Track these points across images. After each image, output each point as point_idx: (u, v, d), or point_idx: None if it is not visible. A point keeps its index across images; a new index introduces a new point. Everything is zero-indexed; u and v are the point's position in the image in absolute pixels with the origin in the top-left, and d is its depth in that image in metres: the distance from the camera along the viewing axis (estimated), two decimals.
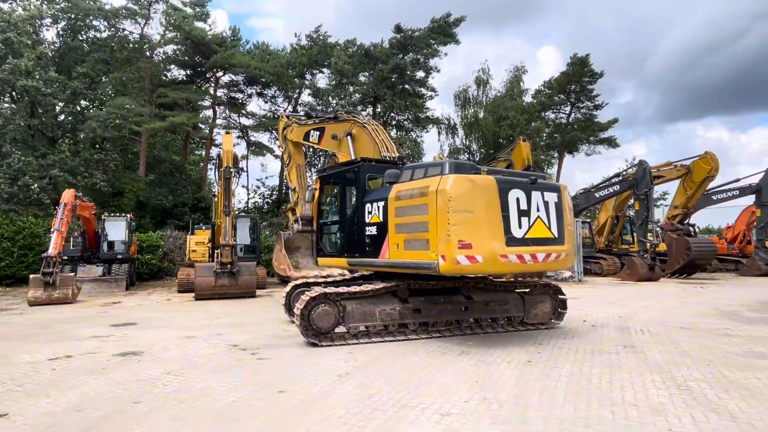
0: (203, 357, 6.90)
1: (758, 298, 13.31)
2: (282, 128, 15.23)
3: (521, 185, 7.39)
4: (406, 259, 7.49)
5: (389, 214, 7.81)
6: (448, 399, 4.85)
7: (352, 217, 8.85)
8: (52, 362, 6.70)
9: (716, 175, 22.51)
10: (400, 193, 7.70)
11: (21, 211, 22.60)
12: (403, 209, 7.58)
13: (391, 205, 7.79)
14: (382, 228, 7.99)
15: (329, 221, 9.81)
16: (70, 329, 9.52)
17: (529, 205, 7.34)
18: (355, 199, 8.82)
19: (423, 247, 7.16)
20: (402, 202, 7.62)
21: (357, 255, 8.54)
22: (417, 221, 7.30)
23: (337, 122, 13.30)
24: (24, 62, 21.67)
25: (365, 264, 8.55)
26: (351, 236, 8.77)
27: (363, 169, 8.80)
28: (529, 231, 7.30)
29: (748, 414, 4.36)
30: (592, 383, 5.35)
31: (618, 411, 4.48)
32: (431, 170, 7.57)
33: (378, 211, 8.11)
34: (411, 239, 7.42)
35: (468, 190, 6.98)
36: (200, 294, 14.50)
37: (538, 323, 8.77)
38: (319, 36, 32.27)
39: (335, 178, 9.62)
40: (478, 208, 6.95)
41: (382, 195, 8.11)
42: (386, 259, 7.89)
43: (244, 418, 4.40)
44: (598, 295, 14.86)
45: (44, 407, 4.80)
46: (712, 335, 8.04)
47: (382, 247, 7.96)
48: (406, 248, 7.47)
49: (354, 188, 8.92)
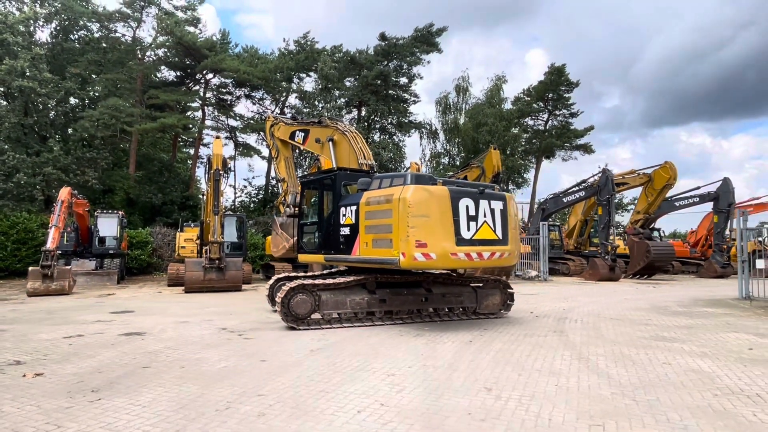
0: (196, 337, 8.10)
1: (696, 296, 14.84)
2: (269, 126, 16.11)
3: (471, 194, 8.74)
4: (373, 255, 8.79)
5: (360, 216, 9.09)
6: (395, 366, 6.13)
7: (329, 218, 10.07)
8: (67, 339, 7.85)
9: (675, 183, 24.23)
10: (369, 199, 9.00)
11: (14, 206, 23.41)
12: (372, 213, 8.88)
13: (362, 209, 9.07)
14: (354, 229, 9.26)
15: (309, 222, 11.08)
16: (74, 315, 10.62)
17: (477, 212, 8.73)
18: (332, 203, 10.07)
19: (387, 245, 8.48)
20: (371, 207, 8.91)
21: (333, 252, 9.80)
22: (383, 223, 8.61)
23: (320, 127, 13.96)
24: (20, 63, 22.49)
25: (340, 260, 9.78)
26: (328, 236, 10.00)
27: (339, 177, 10.08)
28: (476, 233, 8.66)
29: (621, 375, 5.71)
30: (513, 356, 6.68)
31: (524, 374, 5.80)
32: (396, 180, 8.94)
33: (351, 214, 9.39)
34: (378, 239, 8.71)
35: (425, 198, 8.33)
36: (190, 287, 15.63)
37: (489, 313, 10.12)
38: (306, 42, 33.43)
39: (315, 184, 10.92)
40: (433, 213, 8.30)
41: (354, 200, 9.40)
42: (357, 255, 9.17)
43: (233, 377, 5.63)
44: (556, 292, 16.29)
45: (71, 369, 5.98)
46: (633, 324, 9.45)
47: (354, 245, 9.24)
48: (374, 246, 8.77)
49: (331, 193, 10.19)
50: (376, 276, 9.40)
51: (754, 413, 4.46)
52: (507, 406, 4.64)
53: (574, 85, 40.07)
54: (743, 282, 13.55)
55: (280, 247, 13.83)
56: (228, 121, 35.75)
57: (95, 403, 4.70)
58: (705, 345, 7.47)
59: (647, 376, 5.71)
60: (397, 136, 35.80)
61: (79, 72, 27.39)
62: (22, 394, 4.99)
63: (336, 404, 4.65)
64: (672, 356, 6.69)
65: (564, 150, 43.25)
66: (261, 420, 4.24)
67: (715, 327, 9.12)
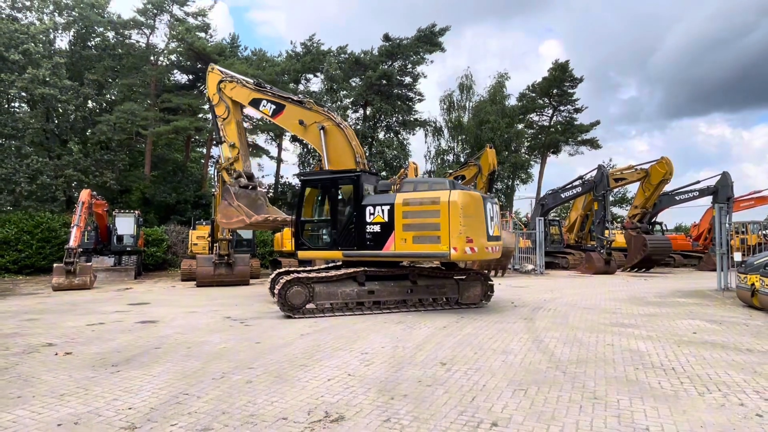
0: (203, 324, 9.15)
1: (679, 288, 15.52)
2: (216, 81, 13.60)
3: (489, 199, 10.47)
4: (415, 250, 9.89)
5: (396, 215, 10.03)
6: (371, 346, 7.08)
7: (349, 217, 10.69)
8: (90, 327, 8.96)
9: (671, 178, 24.74)
10: (407, 200, 10.07)
11: (38, 207, 24.84)
12: (413, 213, 9.96)
13: (398, 209, 10.04)
14: (387, 227, 10.12)
15: (316, 219, 11.59)
16: (95, 307, 11.78)
17: (493, 213, 10.44)
18: (353, 202, 10.70)
19: (434, 241, 9.73)
20: (411, 207, 9.99)
21: (355, 248, 10.47)
22: (428, 222, 9.78)
23: (302, 108, 12.60)
24: (42, 72, 23.86)
25: (366, 255, 10.45)
26: (347, 233, 10.62)
27: (362, 178, 10.83)
28: (493, 231, 10.35)
29: (563, 354, 6.59)
30: (477, 339, 7.58)
31: (480, 352, 6.71)
32: (435, 185, 10.40)
33: (382, 213, 10.25)
34: (420, 235, 9.83)
35: (469, 201, 9.82)
36: (201, 281, 16.77)
37: (470, 303, 11.00)
38: (313, 44, 34.41)
39: (329, 182, 11.07)
40: (474, 214, 9.89)
41: (386, 200, 10.26)
42: (392, 250, 10.06)
43: (230, 355, 6.64)
44: (546, 284, 17.08)
45: (94, 350, 7.05)
46: (601, 313, 10.27)
47: (387, 242, 10.12)
48: (415, 242, 9.89)
49: (348, 192, 10.86)
50: (365, 269, 10.36)
51: (659, 382, 5.32)
52: (453, 376, 5.56)
53: (578, 81, 40.47)
54: (722, 274, 14.21)
55: (234, 219, 12.26)
56: None
57: (115, 374, 5.73)
58: (655, 330, 8.28)
59: (586, 354, 6.58)
60: (401, 135, 36.72)
61: (97, 78, 28.74)
62: (56, 367, 6.06)
63: (311, 374, 5.62)
64: (618, 339, 7.53)
65: (570, 145, 43.70)
66: (248, 386, 5.22)
67: (675, 315, 9.90)
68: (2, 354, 6.81)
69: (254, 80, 13.87)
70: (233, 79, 13.50)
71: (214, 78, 13.68)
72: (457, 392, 4.96)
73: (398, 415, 4.33)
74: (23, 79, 23.94)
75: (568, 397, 4.81)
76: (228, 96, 13.37)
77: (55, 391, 5.09)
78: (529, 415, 4.32)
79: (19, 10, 28.33)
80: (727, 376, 5.49)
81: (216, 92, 13.46)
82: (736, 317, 9.58)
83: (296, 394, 4.90)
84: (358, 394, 4.89)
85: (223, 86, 13.37)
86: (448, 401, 4.68)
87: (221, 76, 13.55)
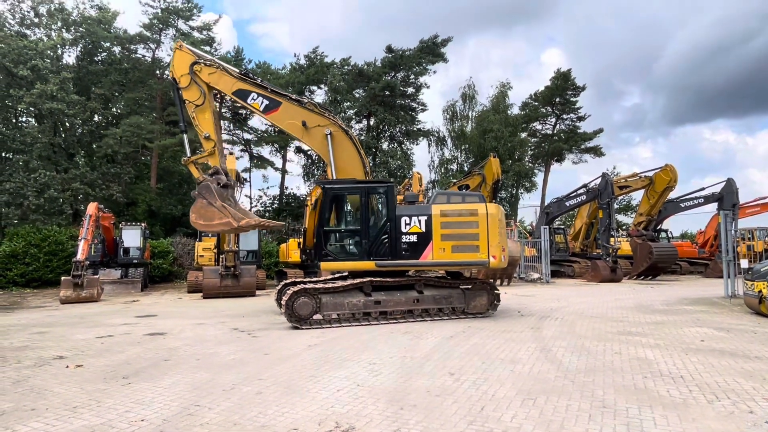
0: (211, 336, 9.20)
1: (686, 296, 15.47)
2: (188, 63, 11.61)
3: None
4: (454, 259, 10.36)
5: (434, 226, 10.32)
6: (378, 357, 7.11)
7: (382, 226, 10.61)
8: (99, 339, 9.02)
9: (675, 185, 24.72)
10: (445, 211, 10.45)
11: (46, 220, 25.04)
12: (451, 223, 10.36)
13: (436, 219, 10.36)
14: (424, 237, 10.34)
15: (344, 229, 11.09)
16: (103, 319, 11.85)
17: None
18: (386, 211, 10.65)
19: (473, 250, 10.30)
20: (449, 218, 10.38)
21: (390, 258, 10.44)
22: (467, 232, 10.32)
23: (304, 109, 11.80)
24: (50, 87, 24.20)
25: (402, 265, 10.51)
26: (379, 243, 10.54)
27: (392, 188, 10.91)
28: None
29: (571, 363, 6.60)
30: (485, 349, 7.59)
31: (488, 362, 6.72)
32: (468, 198, 11.23)
33: (419, 223, 10.43)
34: (459, 245, 10.30)
35: (501, 213, 10.76)
36: (207, 293, 16.84)
37: (477, 312, 11.00)
38: (316, 56, 34.77)
39: (358, 191, 10.82)
40: (503, 225, 10.79)
41: (423, 211, 10.53)
42: (430, 260, 10.34)
43: (239, 366, 6.68)
44: (552, 293, 17.04)
45: (105, 362, 7.10)
46: (608, 321, 10.25)
47: (424, 251, 10.33)
48: (453, 251, 10.30)
49: (380, 202, 10.86)
50: (371, 279, 10.39)
51: (668, 390, 5.32)
52: (462, 386, 5.58)
53: (581, 89, 40.64)
54: (729, 281, 14.16)
55: (216, 221, 10.65)
56: (243, 135, 37.28)
57: (126, 386, 5.79)
58: (662, 338, 8.27)
59: (594, 363, 6.58)
60: (405, 145, 36.90)
61: (103, 92, 29.09)
62: (67, 380, 6.12)
63: (321, 385, 5.66)
64: (626, 347, 7.53)
65: (573, 153, 43.77)
66: (258, 397, 5.26)
67: (682, 322, 9.88)
68: (15, 367, 6.88)
69: (239, 69, 12.41)
70: (212, 63, 11.79)
71: (184, 57, 11.71)
72: (466, 402, 4.99)
73: (408, 425, 4.35)
74: (31, 94, 24.29)
75: (577, 406, 4.82)
76: (204, 81, 11.60)
77: (68, 403, 5.14)
78: (538, 424, 4.34)
79: (28, 26, 28.81)
80: (736, 384, 5.48)
81: (187, 74, 11.58)
82: (744, 325, 9.55)
83: (306, 405, 4.93)
84: (367, 405, 4.92)
85: (198, 69, 11.54)
86: (457, 411, 4.70)
87: (193, 57, 11.69)
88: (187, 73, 11.58)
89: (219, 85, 11.73)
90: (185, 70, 11.59)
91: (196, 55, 11.77)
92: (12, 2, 28.05)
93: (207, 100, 11.66)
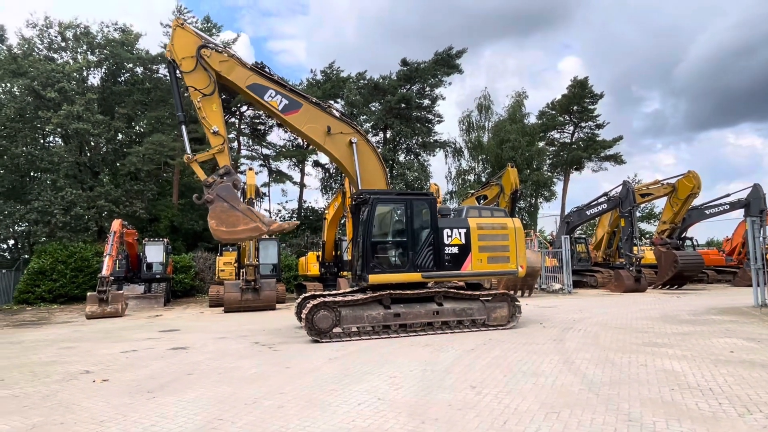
0: (233, 349, 9.29)
1: (714, 305, 15.06)
2: (195, 45, 10.09)
3: None
4: (490, 269, 11.10)
5: (473, 238, 10.92)
6: (399, 370, 7.08)
7: (427, 238, 10.75)
8: (124, 354, 9.18)
9: (699, 192, 24.18)
10: (481, 224, 11.17)
11: (72, 237, 25.69)
12: (487, 236, 11.10)
13: (474, 232, 10.99)
14: (464, 248, 10.85)
15: (391, 240, 11.06)
16: (128, 334, 12.06)
17: None
18: (430, 223, 10.80)
19: (505, 261, 11.16)
20: (484, 231, 11.12)
21: (435, 269, 10.66)
22: (500, 244, 11.16)
23: (325, 113, 11.10)
24: (76, 108, 24.99)
25: (445, 276, 10.79)
26: (425, 254, 10.66)
27: (435, 200, 11.15)
28: None
29: (595, 375, 6.48)
30: (506, 361, 7.51)
31: (510, 375, 6.64)
32: (496, 213, 12.66)
33: (460, 235, 10.88)
34: (493, 256, 11.09)
35: (523, 227, 11.73)
36: (228, 307, 17.01)
37: (498, 324, 10.89)
38: (332, 71, 35.23)
39: (406, 203, 10.85)
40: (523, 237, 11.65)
41: (461, 224, 11.05)
42: (470, 270, 10.89)
43: (261, 380, 6.73)
44: (574, 304, 16.76)
45: (130, 377, 7.23)
46: (633, 332, 10.04)
47: (464, 262, 10.83)
48: (489, 262, 11.03)
49: (425, 214, 10.89)
50: (390, 292, 10.39)
51: (697, 403, 5.19)
52: (484, 399, 5.52)
53: (599, 97, 40.27)
54: (758, 290, 13.76)
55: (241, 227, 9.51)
56: (262, 150, 37.88)
57: (151, 400, 5.87)
58: (690, 349, 8.07)
59: (619, 375, 6.45)
60: (422, 156, 36.98)
61: (126, 111, 29.89)
62: (94, 394, 6.24)
63: (342, 399, 5.66)
64: (652, 359, 7.36)
65: (593, 161, 43.27)
66: (280, 411, 5.29)
67: (711, 333, 9.62)
68: (44, 382, 7.04)
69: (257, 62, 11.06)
70: (224, 51, 10.43)
71: (188, 38, 10.14)
72: (489, 416, 4.94)
73: None
74: (59, 115, 25.10)
75: (602, 419, 4.73)
76: (214, 69, 10.11)
77: (95, 417, 5.24)
78: None
79: (56, 51, 29.86)
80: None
81: (192, 57, 10.01)
82: None
83: (328, 419, 4.94)
84: (388, 419, 4.91)
85: (206, 54, 10.05)
86: (479, 425, 4.66)
87: (199, 39, 10.19)
88: (192, 56, 10.04)
89: (231, 76, 10.30)
90: (190, 53, 10.04)
91: (201, 37, 10.31)
92: (41, 28, 29.16)
93: (215, 92, 10.20)
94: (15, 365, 8.41)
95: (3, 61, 27.68)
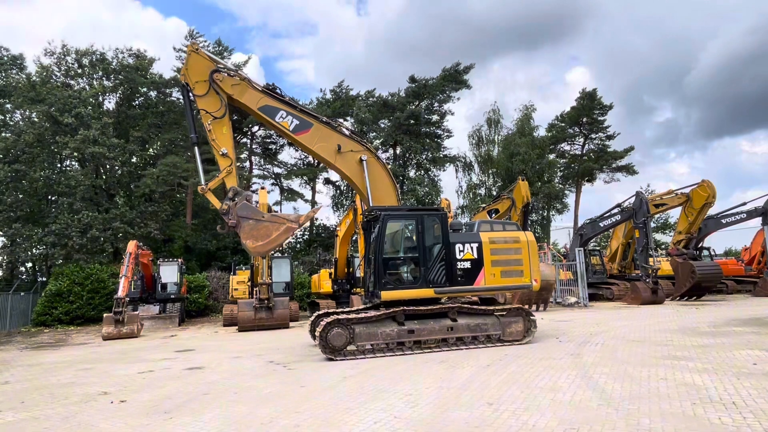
0: (248, 369, 9.30)
1: (735, 316, 14.75)
2: (208, 69, 10.55)
3: None
4: (504, 284, 11.01)
5: (485, 253, 10.79)
6: (414, 387, 7.04)
7: (438, 253, 10.71)
8: (140, 374, 9.24)
9: (714, 201, 23.90)
10: (493, 238, 11.04)
11: (88, 259, 26.06)
12: (499, 250, 10.96)
13: (486, 246, 10.85)
14: (477, 263, 10.72)
15: (403, 256, 11.04)
16: (144, 354, 12.14)
17: None
18: (442, 238, 10.78)
19: (518, 275, 10.98)
20: (497, 245, 11.00)
21: (448, 284, 10.59)
22: (513, 258, 11.01)
23: (335, 131, 11.29)
24: (92, 132, 25.58)
25: (459, 291, 10.78)
26: (437, 270, 10.61)
27: (446, 215, 11.21)
28: None
29: (614, 390, 6.37)
30: (523, 377, 7.42)
31: (527, 391, 6.56)
32: (508, 227, 12.03)
33: (472, 250, 10.77)
34: (507, 270, 10.92)
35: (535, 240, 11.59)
36: (242, 326, 17.06)
37: (513, 340, 10.77)
38: (342, 90, 35.69)
39: (414, 219, 10.91)
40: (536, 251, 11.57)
41: (473, 239, 10.93)
42: (483, 285, 10.74)
43: (277, 400, 6.72)
44: (591, 318, 16.53)
45: (146, 397, 7.27)
46: (651, 345, 9.87)
47: (477, 277, 10.71)
48: (502, 276, 10.88)
49: (436, 229, 10.92)
50: (404, 309, 10.36)
51: (720, 417, 5.08)
52: (501, 416, 5.46)
53: (608, 108, 40.18)
54: None
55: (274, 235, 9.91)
56: (273, 169, 38.29)
57: (168, 420, 5.90)
58: (711, 362, 7.91)
59: (639, 390, 6.34)
60: (432, 172, 37.10)
61: (141, 134, 30.54)
62: (112, 415, 6.28)
63: (358, 418, 5.63)
64: (672, 373, 7.23)
65: (604, 172, 43.01)
66: (296, 430, 5.28)
67: (732, 345, 9.42)
68: (63, 403, 7.11)
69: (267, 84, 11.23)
70: (236, 74, 10.83)
71: (202, 62, 10.63)
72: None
73: None
74: (75, 140, 25.71)
75: None
76: (226, 92, 10.56)
77: None
78: None
79: (73, 77, 30.68)
80: None
81: (205, 81, 10.48)
82: None
83: None
84: None
85: (219, 78, 10.53)
86: None
87: (211, 62, 10.67)
88: (204, 80, 10.51)
89: (243, 99, 10.71)
90: (203, 77, 10.52)
91: (214, 62, 10.79)
92: (58, 56, 30.03)
93: (226, 114, 10.65)
94: (34, 387, 8.51)
95: (22, 89, 28.51)
